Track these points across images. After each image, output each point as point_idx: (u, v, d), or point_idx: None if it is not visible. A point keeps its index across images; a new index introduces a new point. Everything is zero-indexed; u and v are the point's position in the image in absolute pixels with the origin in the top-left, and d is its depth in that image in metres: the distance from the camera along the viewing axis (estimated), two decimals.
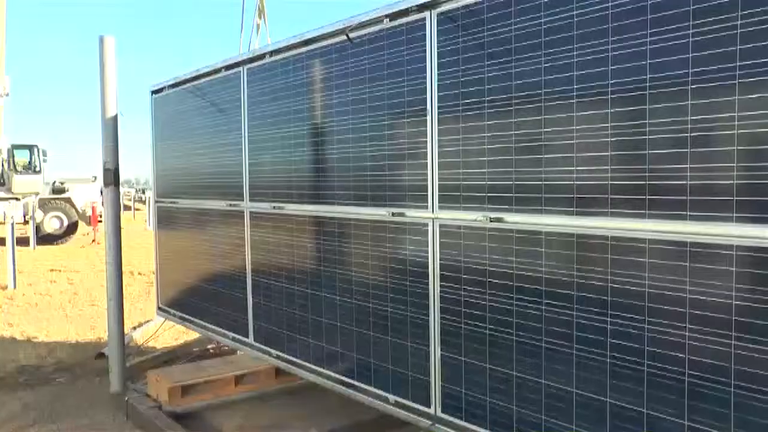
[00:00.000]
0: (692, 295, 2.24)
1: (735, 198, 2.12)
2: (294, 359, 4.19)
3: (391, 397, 3.44)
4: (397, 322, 3.38)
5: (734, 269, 2.13)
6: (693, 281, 2.24)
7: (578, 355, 2.59)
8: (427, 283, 3.20)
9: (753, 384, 2.11)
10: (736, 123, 2.10)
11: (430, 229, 3.16)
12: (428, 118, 3.12)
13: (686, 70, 2.21)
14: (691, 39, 2.19)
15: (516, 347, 2.82)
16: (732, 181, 2.12)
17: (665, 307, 2.32)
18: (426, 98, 3.13)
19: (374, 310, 3.53)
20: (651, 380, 2.37)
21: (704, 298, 2.21)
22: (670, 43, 2.24)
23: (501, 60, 2.79)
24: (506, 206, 2.81)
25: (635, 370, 2.41)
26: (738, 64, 2.08)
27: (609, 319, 2.48)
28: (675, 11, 2.23)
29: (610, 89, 2.43)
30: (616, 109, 2.41)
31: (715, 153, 2.15)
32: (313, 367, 4.02)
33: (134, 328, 7.82)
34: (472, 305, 2.99)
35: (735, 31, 2.08)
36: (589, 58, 2.48)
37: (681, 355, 2.28)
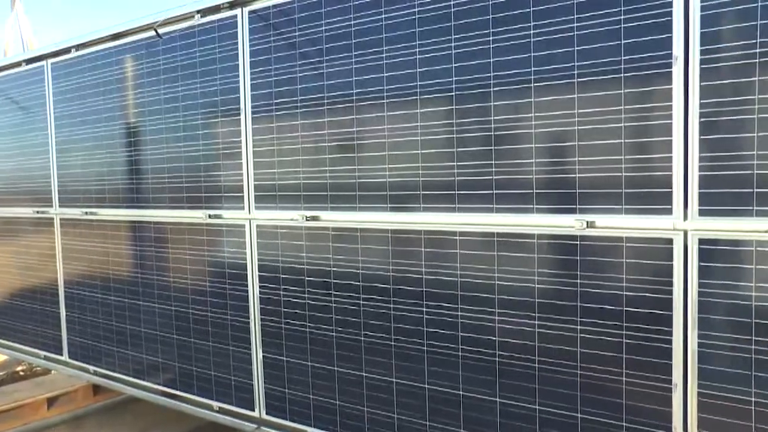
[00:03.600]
0: (500, 281, 2.40)
1: (534, 191, 2.30)
2: (113, 374, 3.96)
3: (215, 404, 3.36)
4: (218, 327, 3.30)
5: (536, 255, 2.31)
6: (500, 269, 2.40)
7: (396, 345, 2.68)
8: (247, 285, 3.15)
9: (553, 358, 2.32)
10: (533, 123, 2.27)
11: (247, 230, 3.12)
12: (242, 117, 3.07)
13: (488, 74, 2.35)
14: (492, 45, 2.34)
15: (336, 343, 2.86)
16: (532, 176, 2.29)
17: (476, 294, 2.47)
18: (239, 97, 3.08)
19: (194, 316, 3.42)
20: (465, 364, 2.52)
21: (511, 283, 2.38)
22: (473, 48, 2.38)
23: (313, 60, 2.81)
24: (322, 205, 2.84)
25: (450, 355, 2.54)
26: (533, 69, 2.26)
27: (425, 309, 2.59)
28: (477, 19, 2.37)
29: (419, 90, 2.53)
30: (426, 110, 2.52)
31: (516, 150, 2.32)
32: (134, 380, 3.82)
33: None
34: (292, 305, 2.99)
35: (528, 40, 2.26)
36: (398, 60, 2.57)
37: (492, 338, 2.43)
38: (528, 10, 2.26)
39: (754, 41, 1.88)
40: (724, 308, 1.99)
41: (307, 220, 2.89)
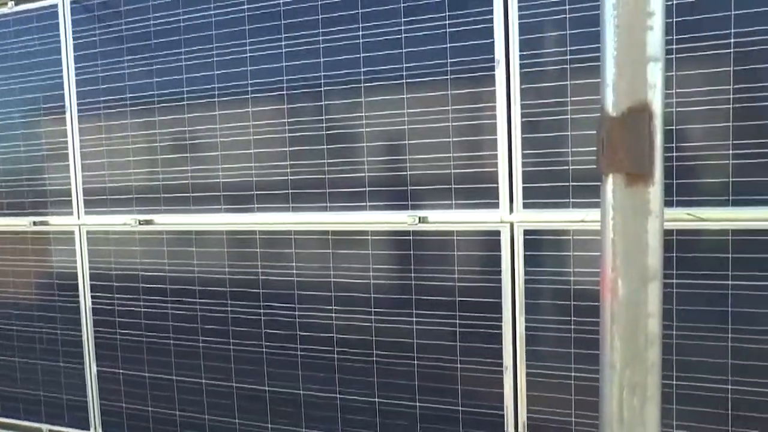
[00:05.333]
0: (336, 278, 2.42)
1: (367, 189, 2.33)
2: None
3: (45, 427, 3.13)
4: (47, 343, 3.08)
5: (370, 252, 2.35)
6: (336, 266, 2.42)
7: (235, 349, 2.63)
8: (78, 296, 2.96)
9: (391, 351, 2.37)
10: (364, 122, 2.31)
11: (76, 236, 2.93)
12: (68, 116, 2.88)
13: (319, 74, 2.36)
14: (322, 45, 2.35)
15: (174, 351, 2.76)
16: (364, 174, 2.33)
17: (313, 293, 2.47)
18: (64, 94, 2.88)
19: (19, 333, 3.15)
20: (304, 363, 2.51)
21: (347, 280, 2.40)
22: (303, 48, 2.38)
23: (142, 56, 2.69)
24: (155, 207, 2.73)
25: (289, 355, 2.53)
26: (363, 70, 2.29)
27: (262, 311, 2.56)
28: (306, 18, 2.37)
29: (250, 89, 2.49)
30: (257, 109, 2.49)
31: (348, 149, 2.36)
32: None
33: None
34: (127, 314, 2.85)
35: (358, 42, 2.29)
36: (228, 58, 2.52)
37: (330, 335, 2.44)
38: (357, 11, 2.29)
39: (566, 49, 2.04)
40: (547, 293, 2.13)
41: (140, 224, 2.76)
